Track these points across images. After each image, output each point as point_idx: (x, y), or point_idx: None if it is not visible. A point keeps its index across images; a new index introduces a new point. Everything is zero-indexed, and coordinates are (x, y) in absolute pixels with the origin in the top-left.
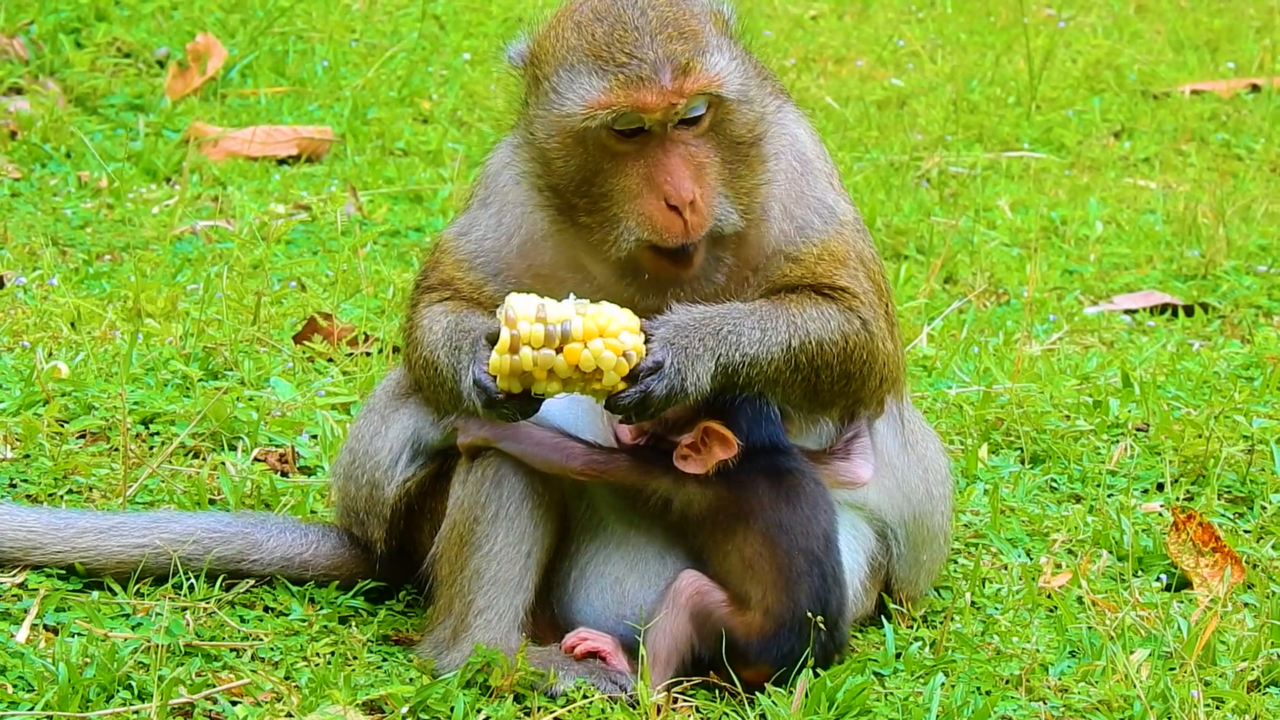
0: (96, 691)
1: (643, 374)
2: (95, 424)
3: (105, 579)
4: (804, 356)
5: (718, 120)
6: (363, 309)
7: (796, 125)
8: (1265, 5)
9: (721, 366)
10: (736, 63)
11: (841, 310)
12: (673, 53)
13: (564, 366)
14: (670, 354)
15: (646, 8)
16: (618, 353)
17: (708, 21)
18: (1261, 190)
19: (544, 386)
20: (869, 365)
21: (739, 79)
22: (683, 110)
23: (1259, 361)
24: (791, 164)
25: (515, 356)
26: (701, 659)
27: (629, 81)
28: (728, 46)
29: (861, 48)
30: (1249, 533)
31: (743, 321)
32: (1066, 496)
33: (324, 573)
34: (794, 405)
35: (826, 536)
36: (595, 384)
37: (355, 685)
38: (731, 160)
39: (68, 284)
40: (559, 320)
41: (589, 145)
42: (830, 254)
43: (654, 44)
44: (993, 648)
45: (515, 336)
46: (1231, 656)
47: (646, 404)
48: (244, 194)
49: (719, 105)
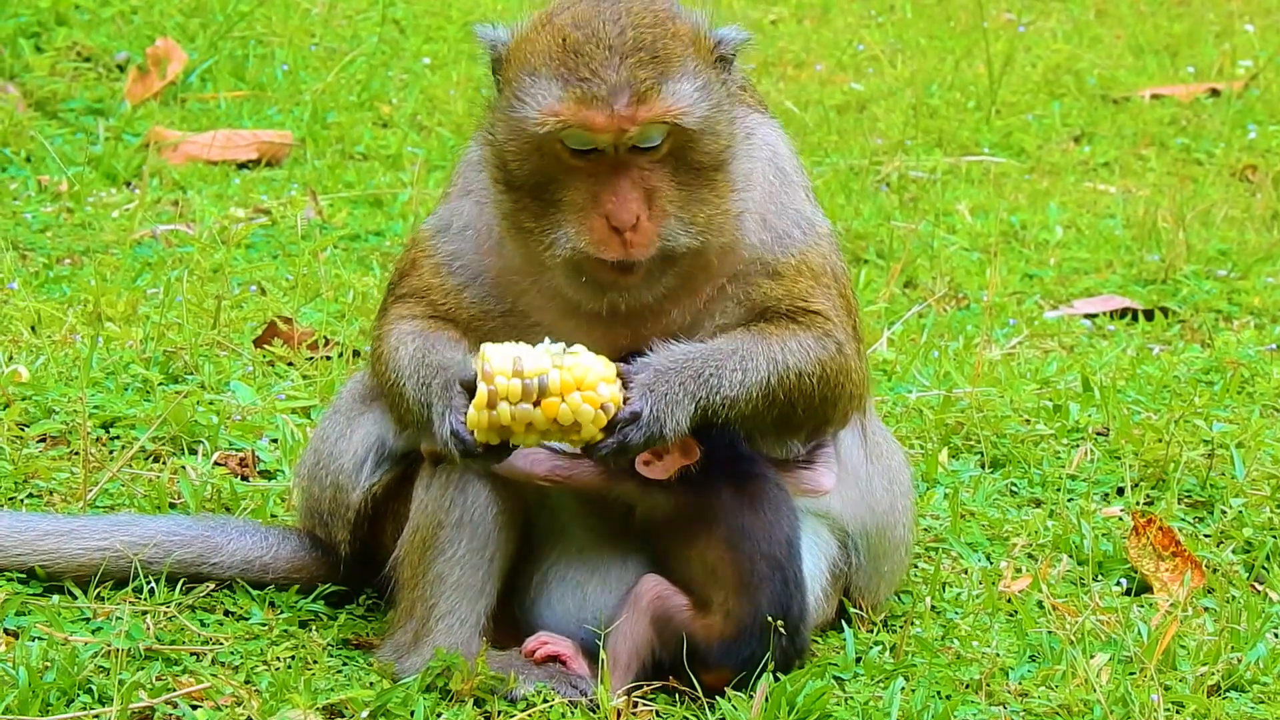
0: (56, 696)
1: (620, 424)
2: (55, 428)
3: (65, 582)
4: (781, 392)
5: (678, 147)
6: (323, 313)
7: (775, 137)
8: (1225, 10)
9: (700, 409)
10: (704, 92)
11: (818, 338)
12: (635, 78)
13: (542, 420)
14: (648, 403)
15: (627, 26)
16: (595, 405)
17: (688, 46)
18: (1221, 195)
19: (522, 439)
20: (842, 387)
21: (704, 109)
22: (635, 137)
23: (1219, 366)
24: (769, 177)
25: (493, 412)
26: (662, 663)
27: (584, 98)
28: (701, 74)
29: (821, 52)
30: (1209, 537)
31: (724, 363)
32: (1027, 501)
33: (284, 576)
34: (763, 434)
35: (789, 542)
36: (574, 435)
37: (315, 689)
38: (691, 184)
39: (28, 288)
40: (535, 374)
41: (544, 153)
42: (809, 267)
43: (620, 66)
44: (953, 652)
45: (493, 392)
46: (1191, 661)
47: (624, 452)
48: (204, 198)
49: (679, 133)
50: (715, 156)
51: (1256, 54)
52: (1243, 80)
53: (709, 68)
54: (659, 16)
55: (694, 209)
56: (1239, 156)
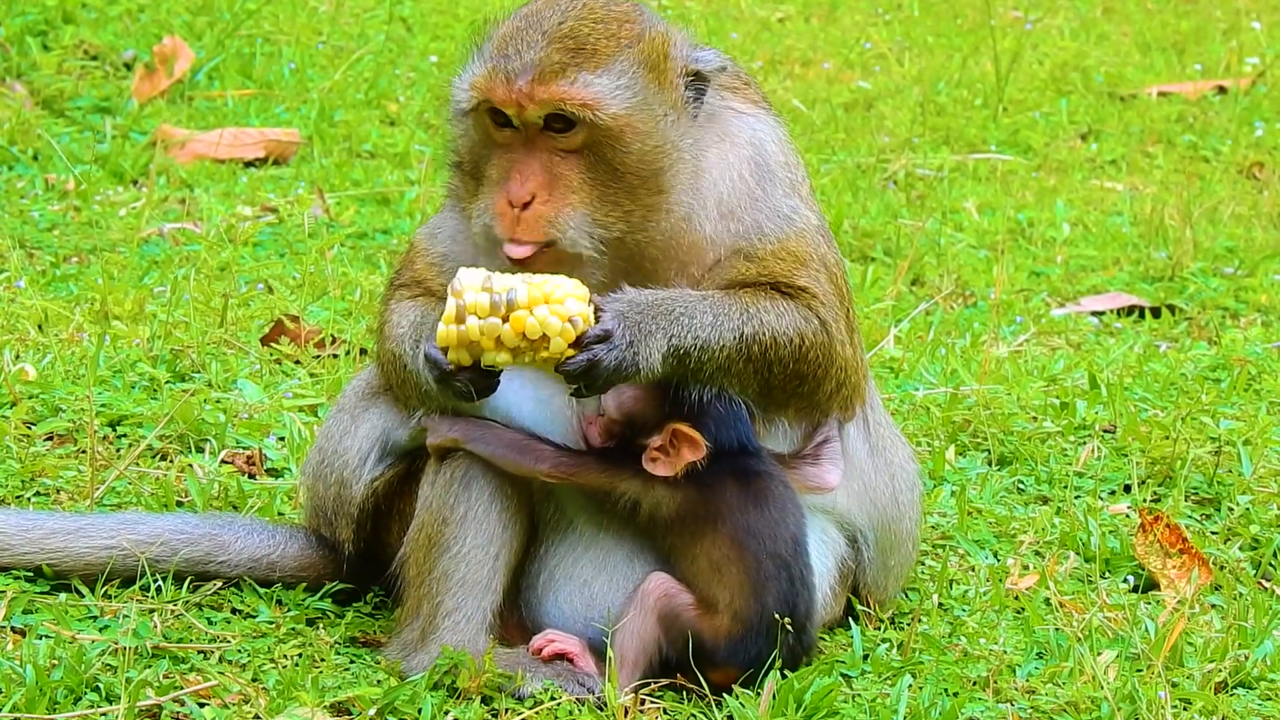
0: (64, 694)
1: (589, 341)
2: (63, 426)
3: (73, 581)
4: (757, 348)
5: (595, 143)
6: (330, 311)
7: (765, 134)
8: (1232, 7)
9: (674, 348)
10: (626, 92)
11: (799, 309)
12: (549, 60)
13: (510, 335)
14: (621, 325)
15: (570, 19)
16: (563, 319)
17: (627, 48)
18: (1228, 192)
19: (493, 357)
20: (824, 367)
21: (617, 107)
22: (535, 114)
23: (1226, 363)
24: (745, 174)
25: (462, 326)
26: (669, 661)
27: (494, 73)
28: (631, 76)
29: (828, 50)
30: (1216, 534)
31: (696, 305)
32: (1034, 498)
33: (291, 574)
34: (750, 399)
35: (795, 540)
36: (543, 351)
37: (323, 687)
38: (607, 185)
39: (35, 286)
40: (504, 290)
41: (476, 131)
42: (789, 253)
43: (541, 48)
44: (960, 649)
45: (461, 306)
46: (1199, 658)
47: (594, 373)
48: (211, 196)
49: (592, 127)
50: (640, 163)
51: (1264, 51)
52: (1250, 77)
53: (649, 72)
54: (610, 17)
55: (603, 211)
56: (1246, 154)
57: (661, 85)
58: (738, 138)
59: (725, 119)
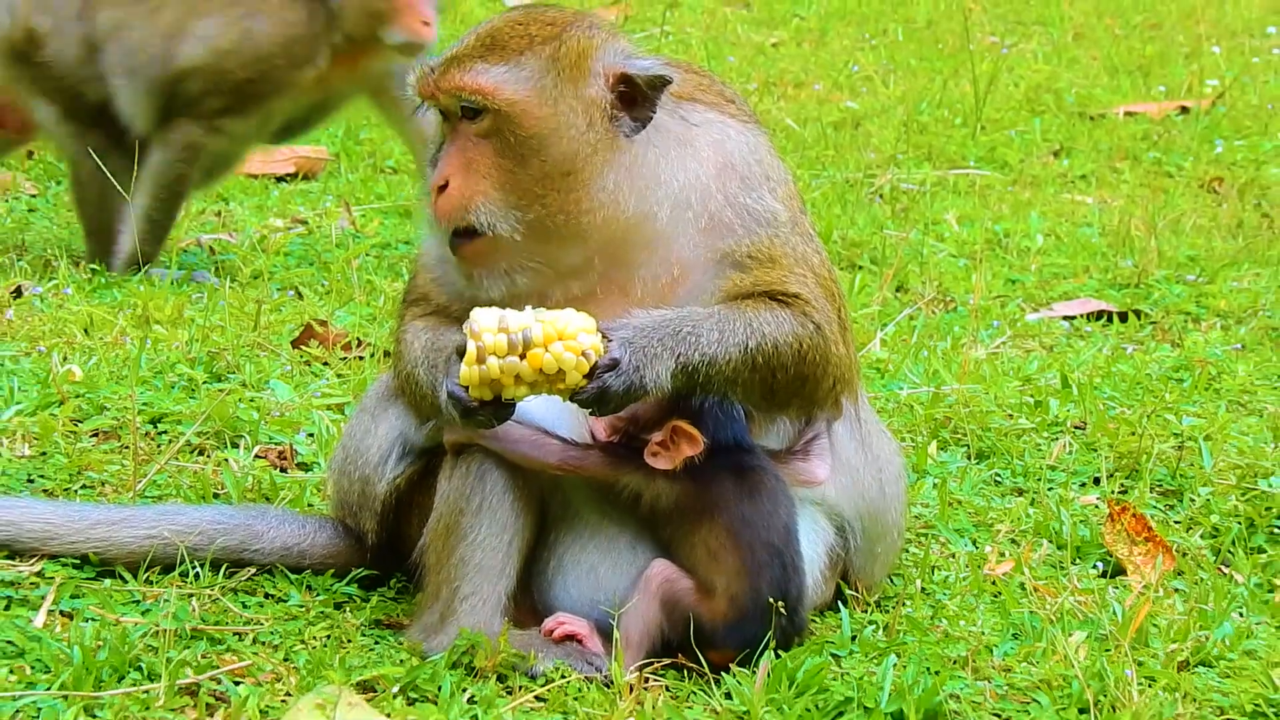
0: (109, 673)
1: (600, 370)
2: (107, 423)
3: (117, 568)
4: (760, 357)
5: (497, 128)
6: (356, 316)
7: (737, 142)
8: (1193, 33)
9: (681, 366)
10: (526, 83)
11: (795, 315)
12: (461, 54)
13: (529, 371)
14: (628, 352)
15: (501, 21)
16: (577, 353)
17: (540, 44)
18: (1190, 205)
19: (513, 391)
20: (822, 367)
21: (514, 93)
22: (446, 102)
23: (1188, 364)
24: (707, 178)
25: (483, 367)
26: (671, 642)
27: (420, 68)
28: (534, 67)
29: (819, 73)
30: (1179, 523)
31: (701, 324)
32: (1010, 490)
33: (320, 561)
34: (754, 405)
35: (787, 529)
36: (560, 384)
37: (349, 666)
38: (519, 170)
39: (81, 293)
40: (520, 329)
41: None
42: (769, 257)
43: (460, 45)
44: (941, 631)
45: (481, 348)
46: (1163, 638)
47: (605, 398)
48: (245, 209)
49: (495, 114)
50: (542, 148)
51: (1223, 74)
52: (1210, 98)
53: (556, 67)
54: (534, 19)
55: (516, 194)
56: (1206, 169)
57: (575, 83)
58: (698, 144)
59: (685, 127)
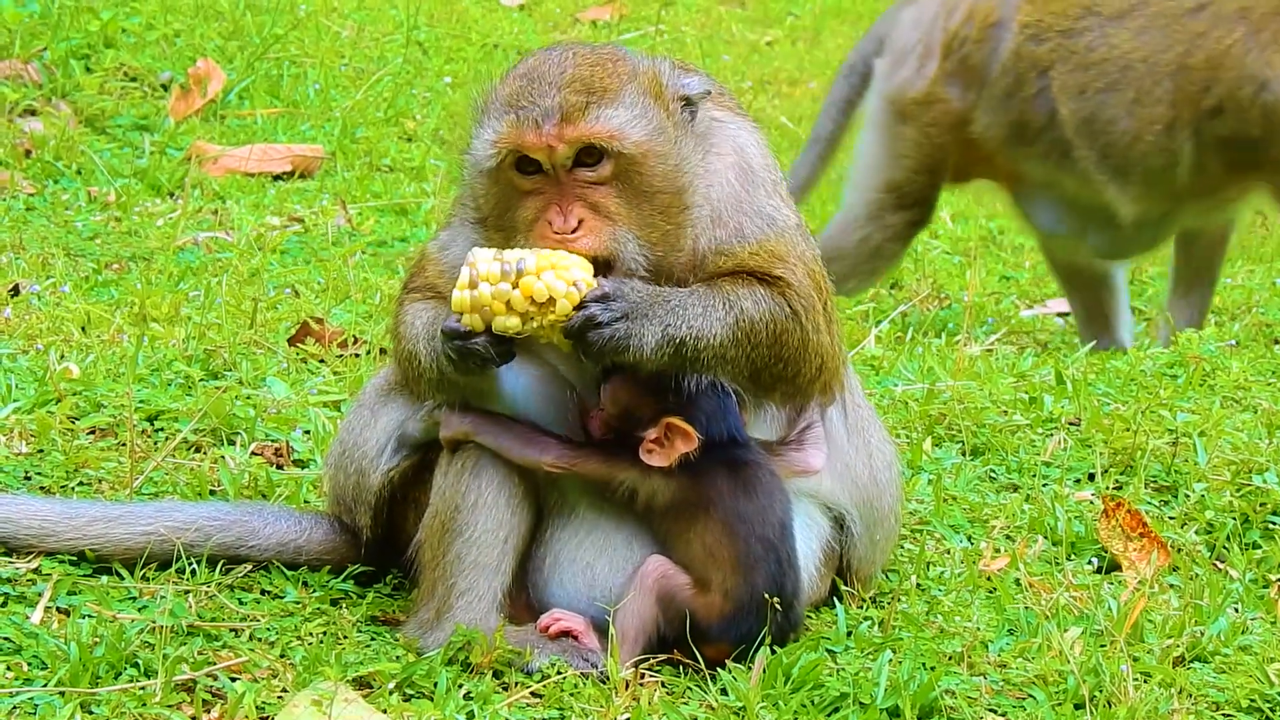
0: (105, 669)
1: (590, 300)
2: (104, 421)
3: (113, 564)
4: (740, 333)
5: (622, 171)
6: (352, 314)
7: (746, 139)
8: None
9: (668, 337)
10: (642, 120)
11: (773, 296)
12: (566, 102)
13: (519, 300)
14: (618, 289)
15: (569, 66)
16: (568, 283)
17: (629, 81)
18: None
19: (503, 321)
20: (802, 352)
21: (640, 134)
22: (566, 154)
23: (1182, 360)
24: (731, 179)
25: (474, 292)
26: (667, 638)
27: (520, 123)
28: (639, 104)
29: (813, 71)
30: (1174, 519)
31: (686, 298)
32: (1004, 486)
33: (316, 558)
34: (741, 386)
35: (782, 524)
36: (550, 313)
37: (346, 663)
38: (641, 206)
39: (78, 291)
40: (515, 259)
41: (501, 184)
42: (768, 251)
43: (554, 94)
44: (937, 626)
45: (475, 274)
46: (1158, 634)
47: (591, 332)
48: (242, 207)
49: (619, 157)
50: (665, 181)
51: None
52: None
53: (653, 100)
54: (602, 58)
55: (644, 233)
56: None
57: (665, 111)
58: (723, 146)
59: (712, 131)
